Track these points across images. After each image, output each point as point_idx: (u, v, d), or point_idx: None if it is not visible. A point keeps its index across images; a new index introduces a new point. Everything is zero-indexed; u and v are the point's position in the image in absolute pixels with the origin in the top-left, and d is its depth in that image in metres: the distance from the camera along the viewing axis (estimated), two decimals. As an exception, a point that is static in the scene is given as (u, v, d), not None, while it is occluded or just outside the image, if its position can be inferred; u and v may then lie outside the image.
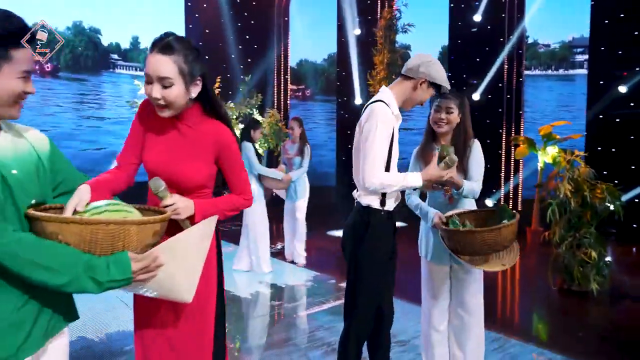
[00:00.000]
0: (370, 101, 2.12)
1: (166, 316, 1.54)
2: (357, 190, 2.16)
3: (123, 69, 7.96)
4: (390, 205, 2.13)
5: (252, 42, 8.98)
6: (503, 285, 4.78)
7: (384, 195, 2.09)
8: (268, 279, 4.67)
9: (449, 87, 2.16)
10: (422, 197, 2.53)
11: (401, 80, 2.15)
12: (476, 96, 7.35)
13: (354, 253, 2.11)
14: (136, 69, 8.10)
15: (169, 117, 1.56)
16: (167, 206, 1.44)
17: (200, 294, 1.54)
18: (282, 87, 9.30)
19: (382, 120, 2.01)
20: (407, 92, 2.13)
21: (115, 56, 7.91)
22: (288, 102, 9.38)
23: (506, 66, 7.21)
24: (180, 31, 8.53)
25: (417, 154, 2.45)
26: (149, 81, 1.47)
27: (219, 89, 6.56)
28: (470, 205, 2.42)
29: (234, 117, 6.24)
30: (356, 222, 2.13)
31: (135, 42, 8.09)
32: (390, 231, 2.16)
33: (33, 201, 1.14)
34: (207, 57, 8.67)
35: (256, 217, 4.75)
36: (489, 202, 7.03)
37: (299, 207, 5.06)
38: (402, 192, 2.23)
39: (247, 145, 4.66)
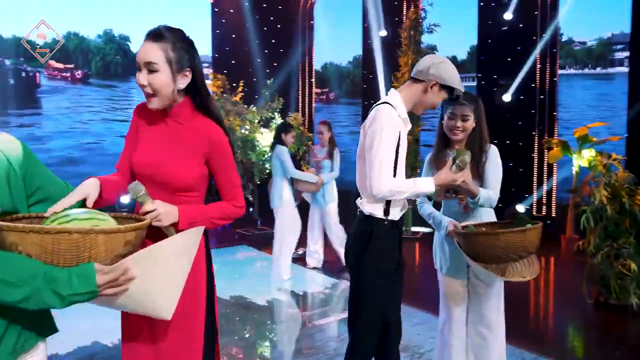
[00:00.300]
0: (376, 104, 2.02)
1: (153, 327, 1.47)
2: (360, 198, 2.05)
3: (151, 74, 8.09)
4: (395, 214, 2.01)
5: (277, 46, 8.98)
6: (535, 297, 4.52)
7: (388, 203, 1.97)
8: (287, 285, 4.59)
9: (462, 89, 2.03)
10: (437, 207, 2.39)
11: (411, 83, 2.03)
12: (507, 97, 7.05)
13: (356, 264, 2.00)
14: (164, 75, 8.23)
15: (159, 115, 1.53)
16: (147, 212, 1.36)
17: (188, 305, 1.47)
18: (306, 91, 9.25)
19: (387, 123, 1.90)
20: (416, 96, 2.01)
21: (144, 62, 8.05)
22: (313, 105, 9.32)
23: (539, 66, 6.88)
24: (207, 37, 8.63)
25: (430, 161, 2.32)
26: (138, 69, 1.45)
27: (242, 93, 6.55)
28: (487, 215, 2.27)
29: (256, 121, 6.21)
30: (358, 232, 2.02)
31: (162, 48, 8.21)
32: (395, 241, 2.04)
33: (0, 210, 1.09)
34: (233, 62, 8.77)
35: (285, 221, 4.68)
36: (521, 208, 6.72)
37: (330, 212, 4.93)
38: (410, 201, 2.11)
39: (282, 149, 4.62)
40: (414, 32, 6.39)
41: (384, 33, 7.79)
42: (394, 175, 1.94)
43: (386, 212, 1.98)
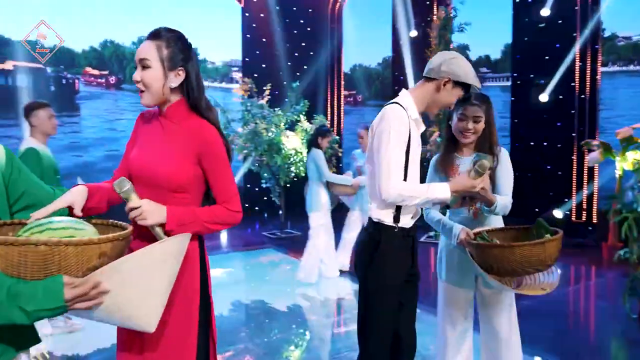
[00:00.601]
0: (386, 104, 1.92)
1: (144, 337, 1.44)
2: (370, 203, 1.96)
3: (183, 79, 8.26)
4: (407, 221, 1.89)
5: (307, 49, 8.98)
6: (574, 310, 4.24)
7: (398, 209, 1.85)
8: (310, 291, 4.51)
9: (479, 85, 1.90)
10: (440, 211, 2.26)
11: (423, 82, 1.93)
12: (544, 97, 6.72)
13: (364, 274, 1.90)
14: (195, 80, 8.37)
15: (156, 117, 1.55)
16: (132, 209, 1.35)
17: (180, 314, 1.43)
18: (335, 93, 9.17)
19: (395, 123, 1.80)
20: (429, 95, 1.90)
21: (176, 68, 8.23)
22: (342, 108, 9.23)
23: (579, 63, 6.52)
24: (238, 41, 8.73)
25: (437, 165, 2.18)
26: (136, 67, 1.50)
27: (270, 97, 6.55)
28: (496, 220, 2.13)
29: (282, 124, 6.20)
30: (366, 239, 1.92)
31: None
32: (407, 251, 1.91)
33: None
34: (263, 65, 8.82)
35: (320, 224, 4.63)
36: (559, 213, 6.37)
37: None
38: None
39: (317, 152, 4.61)
40: (443, 32, 6.19)
41: (414, 33, 7.62)
42: (405, 179, 1.84)
43: (396, 218, 1.87)
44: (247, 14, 8.77)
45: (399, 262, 1.90)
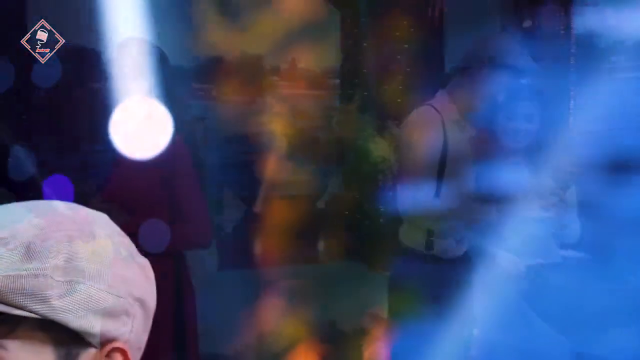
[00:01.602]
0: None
1: None
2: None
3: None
4: (445, 249, 1.56)
5: (408, 52, 8.61)
6: None
7: (431, 232, 1.54)
8: (382, 313, 4.11)
9: (530, 65, 1.48)
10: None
11: (458, 77, 1.68)
12: None
13: (392, 312, 1.72)
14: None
15: None
16: None
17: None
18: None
19: (420, 127, 1.56)
20: (464, 89, 1.61)
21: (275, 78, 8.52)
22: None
23: None
24: (336, 48, 8.71)
25: None
26: None
27: (359, 102, 6.30)
28: None
29: (369, 129, 5.90)
30: (394, 270, 1.73)
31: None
32: (444, 289, 1.54)
33: None
34: (365, 70, 8.66)
35: None
36: None
37: None
38: None
39: None
40: (561, 15, 5.28)
41: (528, 23, 6.73)
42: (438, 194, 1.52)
43: (429, 244, 1.53)
44: (347, 20, 8.73)
45: (434, 302, 1.54)
